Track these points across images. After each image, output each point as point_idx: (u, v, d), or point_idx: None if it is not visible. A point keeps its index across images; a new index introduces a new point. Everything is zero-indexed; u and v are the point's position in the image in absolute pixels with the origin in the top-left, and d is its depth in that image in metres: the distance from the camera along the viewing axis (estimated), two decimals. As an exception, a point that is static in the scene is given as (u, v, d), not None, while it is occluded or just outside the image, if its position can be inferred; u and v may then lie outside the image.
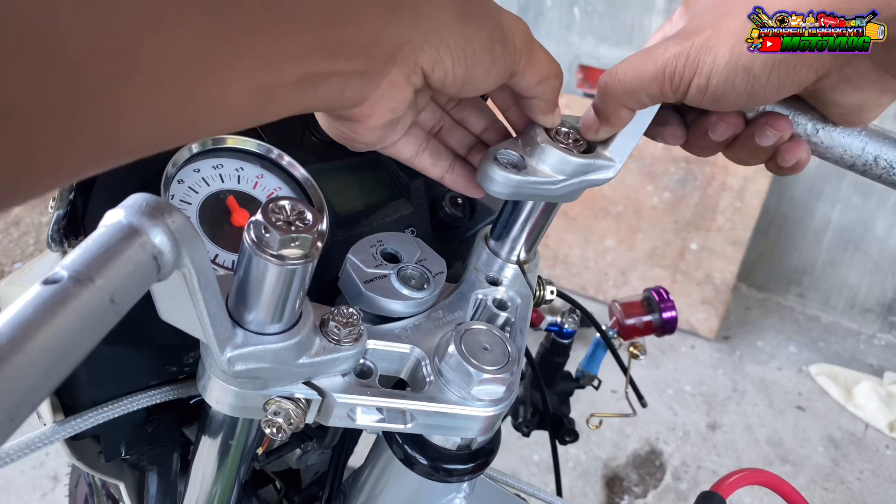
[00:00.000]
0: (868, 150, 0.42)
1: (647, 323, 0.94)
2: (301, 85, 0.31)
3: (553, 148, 0.44)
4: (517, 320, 0.49)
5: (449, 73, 0.37)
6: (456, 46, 0.36)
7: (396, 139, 0.44)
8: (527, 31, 0.41)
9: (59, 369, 0.23)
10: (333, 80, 0.32)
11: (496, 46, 0.38)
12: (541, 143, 0.44)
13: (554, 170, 0.44)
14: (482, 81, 0.39)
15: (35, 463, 1.81)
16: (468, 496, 0.53)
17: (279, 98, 0.30)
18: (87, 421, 0.44)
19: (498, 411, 0.43)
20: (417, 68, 0.36)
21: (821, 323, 2.69)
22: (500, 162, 0.43)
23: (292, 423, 0.40)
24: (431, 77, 0.37)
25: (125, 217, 0.27)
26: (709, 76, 0.39)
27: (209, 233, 0.47)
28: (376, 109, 0.37)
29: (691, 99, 0.40)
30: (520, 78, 0.41)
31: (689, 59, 0.39)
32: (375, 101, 0.36)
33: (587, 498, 1.93)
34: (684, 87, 0.40)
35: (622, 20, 2.61)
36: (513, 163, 0.44)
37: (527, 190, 0.44)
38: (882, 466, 2.10)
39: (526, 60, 0.41)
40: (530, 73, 0.41)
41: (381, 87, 0.36)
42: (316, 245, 0.34)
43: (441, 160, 0.47)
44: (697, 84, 0.39)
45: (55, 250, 0.43)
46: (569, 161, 0.44)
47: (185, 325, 0.34)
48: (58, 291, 0.23)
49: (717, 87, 0.39)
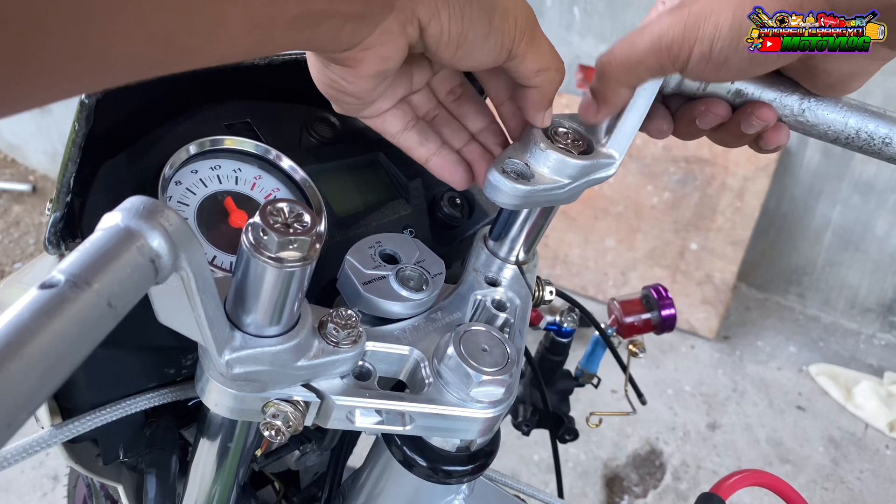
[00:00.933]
0: (850, 124, 0.44)
1: (645, 321, 0.94)
2: (298, 22, 0.31)
3: (556, 153, 0.44)
4: (516, 321, 0.49)
5: (445, 29, 0.37)
6: (454, 3, 0.36)
7: (385, 108, 0.43)
8: (531, 15, 0.40)
9: (57, 374, 0.23)
10: (332, 21, 0.32)
11: (495, 15, 0.38)
12: (544, 148, 0.44)
13: (559, 174, 0.44)
14: (478, 49, 0.38)
15: (35, 463, 1.81)
16: (468, 497, 0.53)
17: (276, 34, 0.30)
18: (86, 424, 0.44)
19: (497, 413, 0.42)
20: (414, 18, 0.36)
21: (821, 323, 2.69)
22: (507, 173, 0.43)
23: (291, 426, 0.40)
24: (427, 31, 0.37)
25: (122, 220, 0.27)
26: (711, 41, 0.38)
27: (207, 234, 0.47)
28: (368, 56, 0.37)
29: (692, 69, 0.40)
30: (518, 62, 0.41)
31: (686, 27, 0.39)
32: (368, 47, 0.36)
33: (587, 498, 1.93)
34: (684, 56, 0.39)
35: (622, 20, 2.60)
36: (519, 172, 0.44)
37: (535, 198, 0.44)
38: (882, 466, 2.10)
39: (527, 44, 0.40)
40: (531, 58, 0.41)
41: (375, 33, 0.35)
42: (314, 247, 0.34)
43: (428, 142, 0.46)
44: (700, 52, 0.39)
45: (52, 253, 0.43)
46: (572, 164, 0.44)
47: (183, 328, 0.34)
48: (55, 296, 0.23)
49: (721, 53, 0.39)
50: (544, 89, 0.43)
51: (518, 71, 0.41)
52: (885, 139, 0.43)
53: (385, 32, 0.36)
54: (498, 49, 0.39)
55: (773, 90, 0.44)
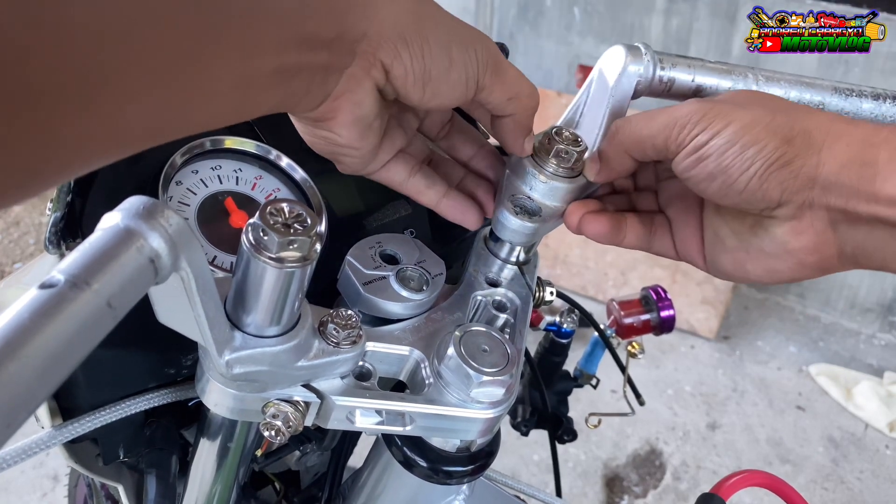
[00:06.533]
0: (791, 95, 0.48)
1: (645, 322, 0.94)
2: (274, 78, 0.32)
3: (556, 182, 0.46)
4: (516, 322, 0.49)
5: (408, 69, 0.38)
6: (412, 42, 0.37)
7: (386, 159, 0.45)
8: (492, 46, 0.41)
9: (56, 374, 0.23)
10: (302, 75, 0.34)
11: (453, 48, 0.39)
12: (543, 180, 0.46)
13: (560, 201, 0.47)
14: (444, 85, 0.39)
15: (35, 463, 1.81)
16: (468, 498, 0.53)
17: (255, 90, 0.32)
18: (86, 425, 0.44)
19: (497, 413, 0.42)
20: (377, 62, 0.37)
21: (821, 323, 2.69)
22: (516, 212, 0.46)
23: (291, 426, 0.40)
24: (392, 72, 0.38)
25: (122, 220, 0.27)
26: (711, 135, 0.39)
27: (207, 234, 0.47)
28: (341, 104, 0.38)
29: (680, 158, 0.40)
30: (488, 93, 0.41)
31: (704, 116, 0.39)
32: (338, 95, 0.38)
33: (587, 498, 1.93)
34: (686, 141, 0.40)
35: (622, 20, 2.60)
36: (527, 208, 0.46)
37: (542, 231, 0.47)
38: (882, 466, 2.10)
39: (493, 74, 0.41)
40: (499, 87, 0.41)
41: (342, 81, 0.37)
42: (314, 247, 0.34)
43: (435, 185, 0.47)
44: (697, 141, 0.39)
45: (53, 252, 0.43)
46: (571, 190, 0.46)
47: (183, 328, 0.34)
48: (54, 296, 0.23)
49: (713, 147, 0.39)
50: (518, 117, 0.44)
51: (489, 102, 0.42)
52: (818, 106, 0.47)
53: (351, 78, 0.37)
54: (464, 82, 0.40)
55: None
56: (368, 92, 0.38)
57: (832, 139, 0.37)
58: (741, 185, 0.38)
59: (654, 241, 0.47)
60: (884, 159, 0.36)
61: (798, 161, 0.37)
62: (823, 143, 0.37)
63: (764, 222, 0.40)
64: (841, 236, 0.38)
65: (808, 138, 0.38)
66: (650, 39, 2.54)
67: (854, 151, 0.36)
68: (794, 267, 0.40)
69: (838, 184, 0.37)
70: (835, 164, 0.37)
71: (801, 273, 0.40)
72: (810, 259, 0.40)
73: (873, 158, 0.36)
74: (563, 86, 2.82)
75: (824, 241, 0.39)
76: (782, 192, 0.38)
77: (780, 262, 0.40)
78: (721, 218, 0.43)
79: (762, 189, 0.38)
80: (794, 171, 0.37)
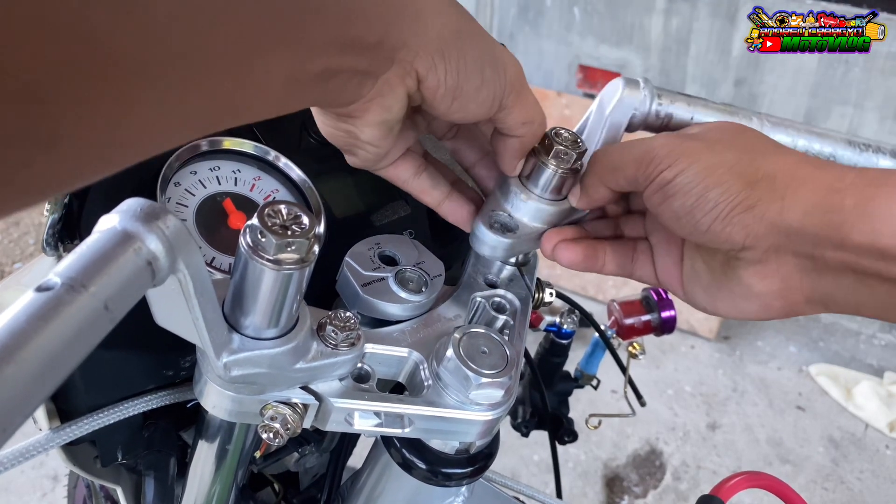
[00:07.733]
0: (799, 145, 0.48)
1: (645, 322, 0.94)
2: (319, 78, 0.33)
3: (537, 203, 0.46)
4: (516, 323, 0.49)
5: (441, 81, 0.38)
6: (450, 57, 0.38)
7: (395, 157, 0.45)
8: (520, 69, 0.42)
9: (53, 377, 0.23)
10: (341, 76, 0.34)
11: (487, 68, 0.39)
12: (525, 200, 0.46)
13: (539, 221, 0.47)
14: (472, 101, 0.40)
15: (35, 463, 1.81)
16: (467, 500, 0.52)
17: (301, 88, 0.32)
18: (84, 427, 0.44)
19: (496, 415, 0.42)
20: (413, 70, 0.37)
21: (820, 323, 2.69)
22: (493, 226, 0.45)
23: (289, 428, 0.40)
24: (425, 83, 0.38)
25: (119, 222, 0.27)
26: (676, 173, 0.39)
27: (206, 235, 0.47)
28: (372, 106, 0.38)
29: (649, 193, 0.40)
30: (507, 113, 0.42)
31: (670, 153, 0.39)
32: (372, 98, 0.38)
33: (587, 498, 1.93)
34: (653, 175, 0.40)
35: (622, 20, 2.60)
36: (504, 224, 0.46)
37: (519, 249, 0.47)
38: (882, 466, 2.10)
39: (516, 96, 0.41)
40: (518, 110, 0.42)
41: (376, 86, 0.37)
42: (312, 249, 0.34)
43: (440, 185, 0.48)
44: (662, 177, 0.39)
45: (50, 254, 0.43)
46: (553, 212, 0.46)
47: (181, 330, 0.34)
48: (51, 299, 0.23)
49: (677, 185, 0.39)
50: (525, 140, 0.44)
51: (505, 122, 0.43)
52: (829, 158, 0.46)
53: (385, 83, 0.37)
54: (490, 101, 0.41)
55: None
56: (399, 98, 0.39)
57: (796, 184, 0.36)
58: (704, 225, 0.38)
59: (635, 267, 0.47)
60: (849, 206, 0.35)
61: (761, 206, 0.37)
62: (787, 188, 0.36)
63: (732, 262, 0.40)
64: (810, 283, 0.38)
65: (772, 183, 0.37)
66: (650, 39, 2.54)
67: (818, 197, 0.36)
68: (761, 309, 0.40)
69: (802, 231, 0.36)
70: (798, 210, 0.36)
71: (769, 314, 0.40)
72: (776, 304, 0.39)
73: (838, 205, 0.35)
74: (563, 86, 2.82)
75: (790, 287, 0.38)
76: (746, 236, 0.37)
77: (747, 304, 0.40)
78: (697, 252, 0.43)
79: (725, 231, 0.38)
80: (758, 216, 0.37)
